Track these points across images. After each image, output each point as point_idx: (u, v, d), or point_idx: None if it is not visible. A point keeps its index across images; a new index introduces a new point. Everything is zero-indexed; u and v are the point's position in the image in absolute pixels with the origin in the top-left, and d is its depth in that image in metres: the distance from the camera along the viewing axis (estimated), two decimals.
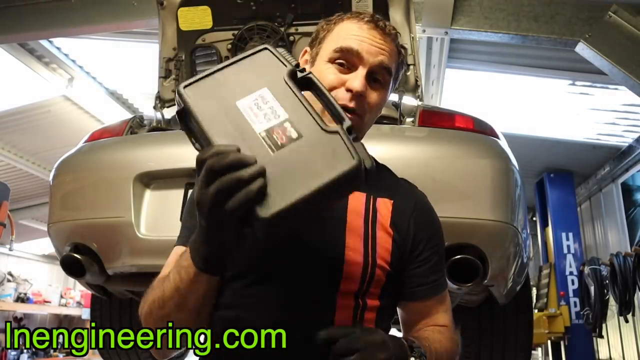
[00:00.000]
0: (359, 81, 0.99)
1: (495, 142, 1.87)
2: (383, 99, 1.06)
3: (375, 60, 1.01)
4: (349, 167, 0.74)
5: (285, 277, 0.95)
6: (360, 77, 1.00)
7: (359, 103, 1.00)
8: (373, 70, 1.02)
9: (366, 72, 1.01)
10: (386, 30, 1.04)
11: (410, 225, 1.04)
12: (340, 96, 0.99)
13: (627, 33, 3.44)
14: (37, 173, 7.05)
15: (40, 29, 3.93)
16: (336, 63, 1.02)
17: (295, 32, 2.33)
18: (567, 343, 6.47)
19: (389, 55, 1.04)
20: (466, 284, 1.66)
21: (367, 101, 1.02)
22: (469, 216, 1.68)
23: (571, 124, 5.87)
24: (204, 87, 0.79)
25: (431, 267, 1.05)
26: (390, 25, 1.07)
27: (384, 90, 1.05)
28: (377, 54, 1.02)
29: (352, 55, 1.01)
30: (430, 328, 1.03)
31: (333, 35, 1.05)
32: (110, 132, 2.10)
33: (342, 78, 1.01)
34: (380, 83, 1.04)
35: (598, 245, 7.28)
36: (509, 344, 2.37)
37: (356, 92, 0.99)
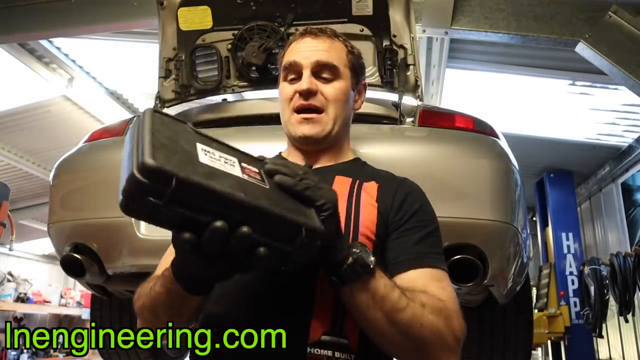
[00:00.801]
0: (304, 81, 1.13)
1: (495, 142, 1.87)
2: (341, 88, 1.17)
3: (312, 61, 1.15)
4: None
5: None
6: (305, 78, 1.14)
7: (313, 99, 1.14)
8: (315, 70, 1.15)
9: (310, 73, 1.14)
10: (318, 33, 1.18)
11: (395, 200, 1.07)
12: (296, 101, 1.15)
13: (627, 33, 3.44)
14: (37, 173, 7.05)
15: (40, 29, 3.93)
16: (288, 79, 1.18)
17: (296, 32, 2.32)
18: (567, 343, 6.47)
19: (327, 51, 1.16)
20: (466, 284, 1.66)
21: (324, 95, 1.15)
22: (469, 216, 1.68)
23: (571, 124, 5.87)
24: (163, 157, 0.69)
25: (416, 241, 1.02)
26: (326, 28, 1.21)
27: (339, 80, 1.17)
28: (312, 56, 1.15)
29: (294, 67, 1.16)
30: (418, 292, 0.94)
31: (284, 58, 1.21)
32: (110, 132, 2.10)
33: (294, 87, 1.16)
34: (329, 78, 1.16)
35: (598, 245, 7.28)
36: (509, 344, 2.37)
37: (303, 90, 1.13)
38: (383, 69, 2.26)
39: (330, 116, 1.15)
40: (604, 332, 5.98)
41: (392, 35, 2.21)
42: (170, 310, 0.92)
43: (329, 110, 1.15)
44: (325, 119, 1.15)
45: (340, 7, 2.21)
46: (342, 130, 1.20)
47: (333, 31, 1.21)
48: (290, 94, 1.16)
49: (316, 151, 1.19)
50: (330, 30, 1.21)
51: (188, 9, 2.26)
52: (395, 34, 2.20)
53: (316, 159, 1.18)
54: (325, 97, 1.15)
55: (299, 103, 1.14)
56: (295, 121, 1.15)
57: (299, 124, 1.15)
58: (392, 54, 2.22)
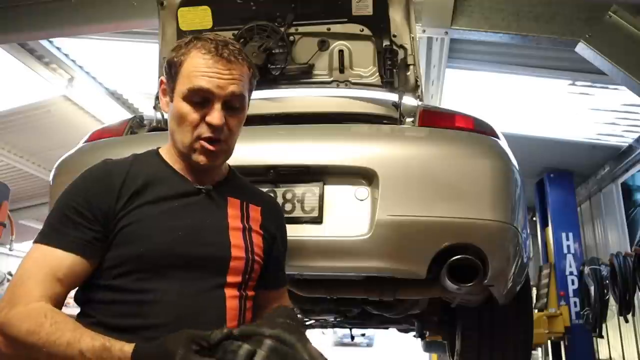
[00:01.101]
0: (217, 116, 1.09)
1: (495, 142, 1.87)
2: (243, 118, 1.18)
3: (227, 93, 1.10)
4: None
5: (180, 277, 1.07)
6: (217, 112, 1.10)
7: (221, 133, 1.12)
8: (227, 100, 1.11)
9: (221, 105, 1.10)
10: (230, 58, 1.11)
11: (272, 226, 1.27)
12: (203, 131, 1.11)
13: (627, 33, 3.44)
14: (37, 173, 7.06)
15: (41, 29, 3.94)
16: (192, 101, 1.10)
17: (295, 32, 2.32)
18: (567, 343, 6.47)
19: (239, 80, 1.12)
20: (466, 284, 1.66)
21: (229, 127, 1.13)
22: (469, 216, 1.68)
23: (571, 124, 5.87)
24: None
25: (283, 261, 1.35)
26: (234, 48, 1.13)
27: (243, 111, 1.16)
28: (227, 86, 1.10)
29: (204, 93, 1.09)
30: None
31: (184, 71, 1.12)
32: (110, 132, 2.10)
33: (200, 114, 1.11)
34: (237, 108, 1.14)
35: (598, 245, 7.28)
36: (509, 344, 2.37)
37: (217, 126, 1.10)
38: (383, 69, 2.26)
39: (229, 145, 1.16)
40: (604, 332, 5.98)
41: (392, 35, 2.20)
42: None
43: (230, 141, 1.16)
44: (224, 149, 1.15)
45: (340, 7, 2.21)
46: None
47: (240, 51, 1.15)
48: (197, 120, 1.11)
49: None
50: (238, 50, 1.14)
51: (188, 9, 2.26)
52: (395, 34, 2.20)
53: (204, 173, 1.19)
54: (230, 130, 1.13)
55: (208, 135, 1.11)
56: (201, 149, 1.12)
57: (204, 154, 1.13)
58: (392, 54, 2.22)
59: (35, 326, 0.94)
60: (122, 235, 1.06)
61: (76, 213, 1.07)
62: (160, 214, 1.09)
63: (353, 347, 17.24)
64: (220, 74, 1.09)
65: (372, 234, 1.63)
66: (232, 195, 1.21)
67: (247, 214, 1.21)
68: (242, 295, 1.13)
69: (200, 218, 1.13)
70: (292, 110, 2.18)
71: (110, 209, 1.07)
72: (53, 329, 0.94)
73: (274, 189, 1.75)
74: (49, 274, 1.01)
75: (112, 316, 1.03)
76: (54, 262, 1.03)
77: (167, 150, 1.21)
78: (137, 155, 1.22)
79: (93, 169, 1.15)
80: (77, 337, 0.92)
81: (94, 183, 1.11)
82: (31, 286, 1.00)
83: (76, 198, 1.09)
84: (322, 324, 3.63)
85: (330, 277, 1.92)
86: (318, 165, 1.75)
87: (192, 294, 1.06)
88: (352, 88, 2.37)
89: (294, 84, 2.42)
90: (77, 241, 1.05)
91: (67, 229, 1.06)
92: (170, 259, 1.07)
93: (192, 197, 1.15)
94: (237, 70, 1.11)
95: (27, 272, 1.02)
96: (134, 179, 1.12)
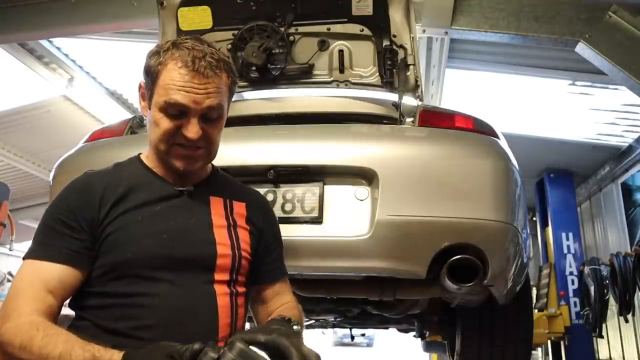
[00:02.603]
0: (193, 130, 1.10)
1: (495, 142, 1.87)
2: (221, 125, 1.18)
3: (203, 107, 1.10)
4: None
5: (169, 279, 1.08)
6: (194, 126, 1.10)
7: (199, 142, 1.12)
8: (204, 114, 1.11)
9: (198, 119, 1.10)
10: (207, 73, 1.09)
11: (259, 220, 1.26)
12: (178, 139, 1.11)
13: (627, 33, 3.44)
14: (37, 173, 7.05)
15: (40, 29, 3.93)
16: (168, 113, 1.10)
17: (295, 32, 2.32)
18: (567, 343, 6.47)
19: (216, 92, 1.11)
20: (466, 284, 1.66)
21: (208, 136, 1.13)
22: (469, 216, 1.67)
23: (571, 124, 5.87)
24: None
25: (277, 256, 1.31)
26: (211, 59, 1.10)
27: (221, 120, 1.17)
28: (203, 100, 1.09)
29: (180, 107, 1.09)
30: (283, 306, 1.26)
31: (161, 82, 1.10)
32: (110, 132, 2.10)
33: (176, 124, 1.11)
34: (215, 118, 1.14)
35: (598, 245, 7.28)
36: (509, 344, 2.37)
37: (192, 140, 1.11)
38: (383, 69, 2.26)
39: (209, 152, 1.18)
40: (604, 332, 5.98)
41: (392, 35, 2.21)
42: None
43: (210, 147, 1.17)
44: (204, 154, 1.16)
45: (340, 7, 2.21)
46: None
47: (217, 61, 1.11)
48: (172, 130, 1.11)
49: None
50: (216, 61, 1.10)
51: (188, 9, 2.26)
52: (395, 34, 2.20)
53: (185, 175, 1.20)
54: (209, 138, 1.14)
55: (182, 142, 1.12)
56: (177, 155, 1.14)
57: (180, 159, 1.14)
58: (392, 54, 2.22)
59: (28, 340, 0.95)
60: (108, 243, 1.08)
61: (62, 224, 1.08)
62: (143, 219, 1.11)
63: (353, 347, 17.25)
64: (197, 89, 1.08)
65: (372, 234, 1.63)
66: (214, 194, 1.23)
67: (231, 211, 1.22)
68: (232, 292, 1.15)
69: (184, 219, 1.15)
70: (292, 110, 2.17)
71: (94, 219, 1.09)
72: (45, 342, 0.94)
73: (274, 189, 1.75)
74: (40, 288, 1.03)
75: (106, 319, 1.05)
76: (44, 275, 1.04)
77: (148, 154, 1.23)
78: (119, 163, 1.24)
79: (76, 181, 1.17)
80: (68, 349, 0.93)
81: (75, 195, 1.13)
82: (23, 301, 1.01)
83: (60, 210, 1.10)
84: (322, 324, 3.63)
85: (330, 277, 1.92)
86: (318, 165, 1.75)
87: (183, 294, 1.07)
88: (352, 88, 2.37)
89: (294, 84, 2.43)
90: (65, 252, 1.06)
91: (54, 241, 1.07)
92: (157, 262, 1.08)
93: (174, 200, 1.16)
94: (214, 83, 1.10)
95: (18, 288, 1.04)
96: (114, 188, 1.13)
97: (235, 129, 1.98)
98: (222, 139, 1.22)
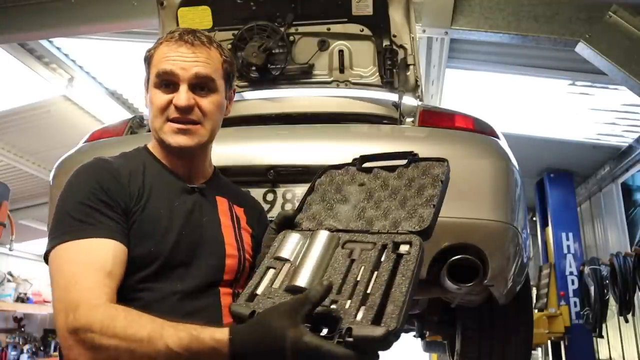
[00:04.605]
0: (182, 97, 1.10)
1: (495, 142, 1.87)
2: (217, 101, 1.16)
3: (191, 74, 1.11)
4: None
5: (181, 276, 1.06)
6: (183, 92, 1.10)
7: (190, 113, 1.11)
8: (193, 83, 1.12)
9: (187, 86, 1.11)
10: (194, 42, 1.13)
11: (256, 227, 1.26)
12: (172, 113, 1.11)
13: (627, 33, 3.44)
14: (37, 173, 7.04)
15: (40, 29, 3.93)
16: (161, 87, 1.13)
17: (295, 32, 2.33)
18: (567, 343, 6.47)
19: (205, 62, 1.13)
20: (466, 284, 1.66)
21: (201, 109, 1.13)
22: (469, 216, 1.68)
23: (571, 124, 5.87)
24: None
25: None
26: (201, 34, 1.15)
27: (215, 93, 1.15)
28: (191, 67, 1.11)
29: (169, 76, 1.11)
30: None
31: (154, 62, 1.15)
32: (110, 132, 2.10)
33: (169, 97, 1.12)
34: (207, 90, 1.14)
35: (598, 245, 7.28)
36: (509, 344, 2.37)
37: (182, 107, 1.10)
38: (383, 69, 2.26)
39: (206, 129, 1.15)
40: (604, 332, 5.98)
41: (392, 35, 2.21)
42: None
43: (206, 123, 1.15)
44: (201, 131, 1.14)
45: (340, 7, 2.21)
46: (214, 139, 1.22)
47: (209, 38, 1.16)
48: (164, 103, 1.12)
49: (191, 159, 1.19)
50: (206, 37, 1.16)
51: (188, 9, 2.26)
52: (395, 34, 2.20)
53: (193, 170, 1.19)
54: (202, 111, 1.13)
55: (175, 116, 1.11)
56: (170, 130, 1.12)
57: (174, 133, 1.12)
58: (392, 54, 2.22)
59: (109, 320, 0.85)
60: (133, 233, 1.03)
61: (101, 202, 1.01)
62: (165, 214, 1.08)
63: None
64: (184, 57, 1.11)
65: None
66: (220, 194, 1.22)
67: (235, 213, 1.23)
68: (234, 293, 1.14)
69: (198, 217, 1.14)
70: (292, 110, 2.18)
71: (127, 204, 1.04)
72: (128, 321, 0.85)
73: (274, 189, 1.75)
74: (98, 270, 0.93)
75: None
76: (97, 255, 0.95)
77: (154, 146, 1.21)
78: (126, 153, 1.21)
79: (92, 163, 1.10)
80: (157, 328, 0.83)
81: (107, 176, 1.06)
82: (85, 288, 0.91)
83: (94, 190, 1.02)
84: None
85: None
86: (318, 166, 1.75)
87: (189, 293, 1.06)
88: (352, 88, 2.38)
89: (294, 84, 2.43)
90: (113, 228, 0.99)
91: (99, 218, 0.99)
92: (176, 259, 1.06)
93: (189, 196, 1.15)
94: (203, 53, 1.13)
95: (72, 274, 0.93)
96: (135, 177, 1.10)
97: (235, 129, 1.98)
98: (222, 139, 1.22)
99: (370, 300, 0.82)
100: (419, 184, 1.06)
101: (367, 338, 0.75)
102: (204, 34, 1.16)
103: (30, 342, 8.75)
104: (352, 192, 1.14)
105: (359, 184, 1.14)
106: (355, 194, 1.12)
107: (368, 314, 0.80)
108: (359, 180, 1.15)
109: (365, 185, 1.13)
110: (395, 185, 1.09)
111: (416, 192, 1.04)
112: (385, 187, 1.10)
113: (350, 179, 1.17)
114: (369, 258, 0.92)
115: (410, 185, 1.07)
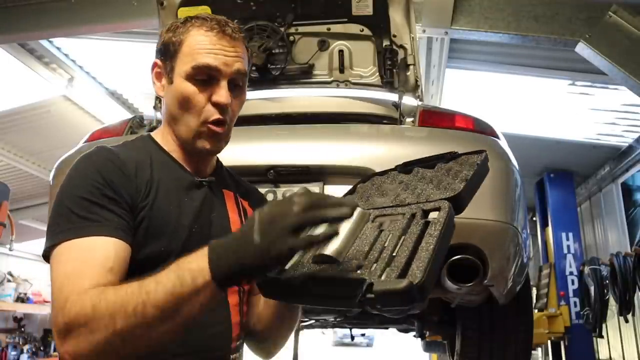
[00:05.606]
0: (224, 95, 1.04)
1: (495, 142, 1.88)
2: (243, 99, 1.13)
3: (233, 70, 1.05)
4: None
5: None
6: (225, 90, 1.05)
7: (227, 113, 1.06)
8: (232, 78, 1.06)
9: (227, 83, 1.05)
10: (234, 36, 1.07)
11: None
12: (210, 113, 1.05)
13: (627, 33, 3.44)
14: (37, 173, 7.05)
15: (40, 29, 3.93)
16: (196, 80, 1.05)
17: (295, 32, 2.33)
18: (567, 343, 6.47)
19: (242, 59, 1.08)
20: (466, 284, 1.66)
21: (232, 110, 1.08)
22: (469, 216, 1.66)
23: (571, 124, 5.87)
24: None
25: None
26: (235, 26, 1.09)
27: (243, 92, 1.12)
28: (233, 63, 1.05)
29: (211, 71, 1.04)
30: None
31: (185, 50, 1.06)
32: (110, 132, 2.10)
33: (206, 94, 1.05)
34: (240, 87, 1.10)
35: (598, 245, 7.28)
36: (509, 344, 2.37)
37: (224, 105, 1.04)
38: (383, 69, 2.26)
39: (230, 129, 1.11)
40: (604, 332, 5.98)
41: (392, 35, 2.21)
42: (172, 299, 0.80)
43: (231, 124, 1.10)
44: (229, 134, 1.11)
45: (340, 7, 2.21)
46: None
47: (240, 30, 1.10)
48: (202, 102, 1.05)
49: (206, 157, 1.14)
50: (239, 29, 1.09)
51: (188, 8, 2.26)
52: (395, 34, 2.20)
53: (202, 164, 1.14)
54: (232, 111, 1.09)
55: (216, 117, 1.05)
56: (205, 134, 1.06)
57: (208, 137, 1.07)
58: (392, 54, 2.22)
59: (97, 297, 0.81)
60: (142, 231, 0.98)
61: (104, 197, 0.95)
62: (174, 210, 1.03)
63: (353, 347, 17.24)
64: (226, 51, 1.04)
65: None
66: (226, 187, 1.18)
67: (242, 207, 1.18)
68: (240, 289, 1.12)
69: (207, 212, 1.09)
70: (292, 110, 2.18)
71: (134, 198, 0.98)
72: (117, 292, 0.82)
73: (274, 189, 1.75)
74: (97, 267, 0.89)
75: None
76: (98, 253, 0.90)
77: (162, 137, 1.13)
78: (128, 142, 1.13)
79: (95, 153, 1.02)
80: (147, 282, 0.81)
81: (111, 167, 0.99)
82: (80, 281, 0.86)
83: (97, 184, 0.95)
84: (322, 324, 3.63)
85: None
86: (318, 165, 1.75)
87: None
88: (352, 88, 2.38)
89: (294, 84, 2.43)
90: (117, 225, 0.94)
91: (102, 214, 0.93)
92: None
93: (197, 190, 1.10)
94: (241, 47, 1.07)
95: (71, 269, 0.88)
96: (142, 168, 1.03)
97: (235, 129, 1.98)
98: None
99: (396, 261, 0.81)
100: (455, 171, 1.07)
101: (388, 291, 0.73)
102: (235, 24, 1.09)
103: (30, 342, 8.75)
104: (391, 188, 1.15)
105: (398, 182, 1.16)
106: (394, 189, 1.13)
107: (392, 273, 0.78)
108: (399, 180, 1.17)
109: (404, 182, 1.14)
110: (433, 175, 1.11)
111: (452, 177, 1.05)
112: (423, 179, 1.12)
113: (391, 180, 1.19)
114: (398, 226, 0.91)
115: (447, 174, 1.08)
